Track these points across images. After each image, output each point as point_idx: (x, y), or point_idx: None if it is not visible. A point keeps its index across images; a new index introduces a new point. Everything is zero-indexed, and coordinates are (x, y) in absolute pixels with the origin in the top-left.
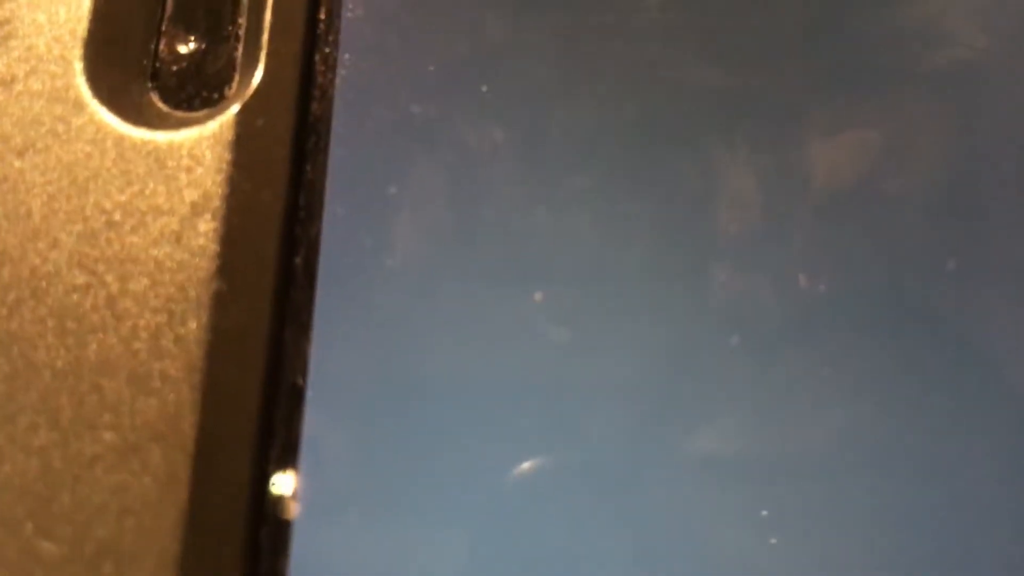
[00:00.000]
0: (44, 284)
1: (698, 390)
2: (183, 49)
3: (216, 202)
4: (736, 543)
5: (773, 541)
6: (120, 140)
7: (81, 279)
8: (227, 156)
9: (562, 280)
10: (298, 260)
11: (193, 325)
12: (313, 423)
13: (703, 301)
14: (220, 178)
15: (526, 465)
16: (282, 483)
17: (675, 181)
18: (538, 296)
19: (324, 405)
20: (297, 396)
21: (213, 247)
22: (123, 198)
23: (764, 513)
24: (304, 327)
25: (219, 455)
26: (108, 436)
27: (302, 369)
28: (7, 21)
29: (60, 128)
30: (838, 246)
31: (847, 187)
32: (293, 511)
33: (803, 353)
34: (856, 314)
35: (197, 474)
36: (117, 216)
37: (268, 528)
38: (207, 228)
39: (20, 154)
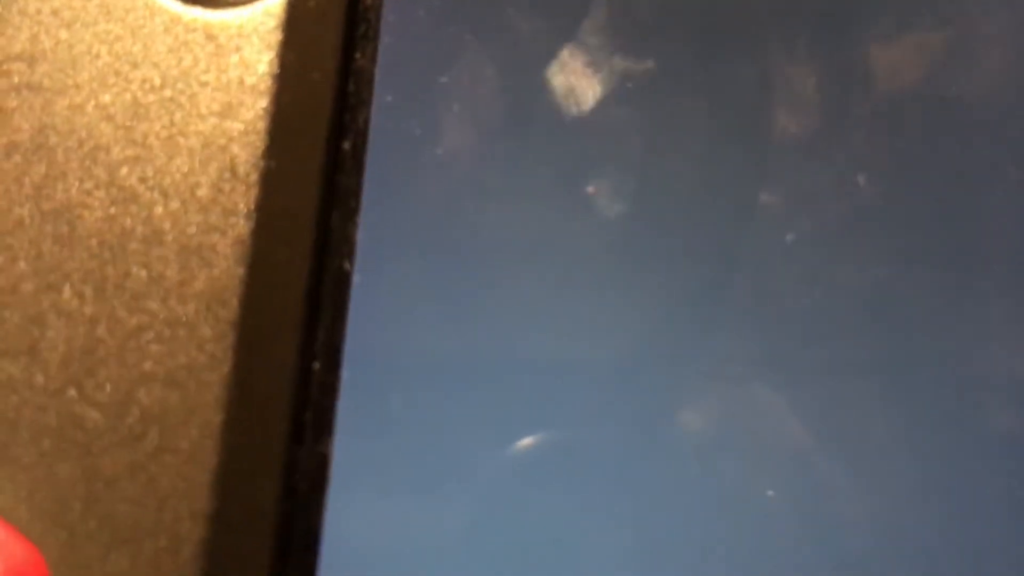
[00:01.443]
0: (92, 156)
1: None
2: None
3: (265, 82)
4: (742, 519)
5: (770, 493)
6: (169, 15)
7: (130, 152)
8: (278, 37)
9: (615, 174)
10: (346, 145)
11: (240, 202)
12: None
13: (758, 201)
14: (270, 58)
15: (527, 440)
16: (326, 365)
17: (732, 77)
18: (590, 189)
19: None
20: (343, 280)
21: (262, 126)
22: (173, 73)
23: (770, 493)
24: (352, 212)
25: (265, 332)
26: (154, 307)
27: (349, 254)
28: None
29: (109, 1)
30: (898, 148)
31: (907, 89)
32: (337, 395)
33: (859, 254)
34: (914, 218)
35: (242, 349)
36: (167, 91)
37: (312, 409)
38: (256, 107)
39: (68, 26)
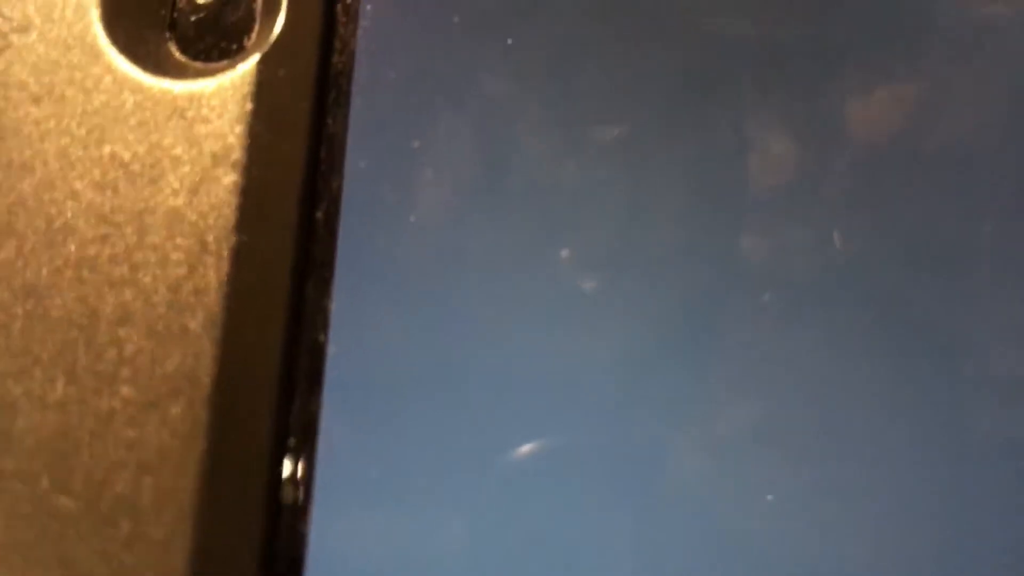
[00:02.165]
0: (61, 235)
1: (726, 351)
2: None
3: (236, 153)
4: (742, 524)
5: (777, 514)
6: (138, 89)
7: (99, 230)
8: (247, 107)
9: (590, 237)
10: (319, 214)
11: (212, 278)
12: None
13: (735, 260)
14: (240, 129)
15: (527, 447)
16: (303, 440)
17: (707, 134)
18: (565, 253)
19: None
20: (319, 353)
21: (233, 199)
22: (141, 148)
23: (769, 498)
24: (326, 282)
25: (239, 411)
26: (126, 390)
27: (323, 325)
28: None
29: (77, 76)
30: (873, 204)
31: (882, 143)
32: (314, 471)
33: (835, 312)
34: (890, 274)
35: (216, 430)
36: (135, 167)
37: (288, 485)
38: (227, 180)
39: (36, 102)
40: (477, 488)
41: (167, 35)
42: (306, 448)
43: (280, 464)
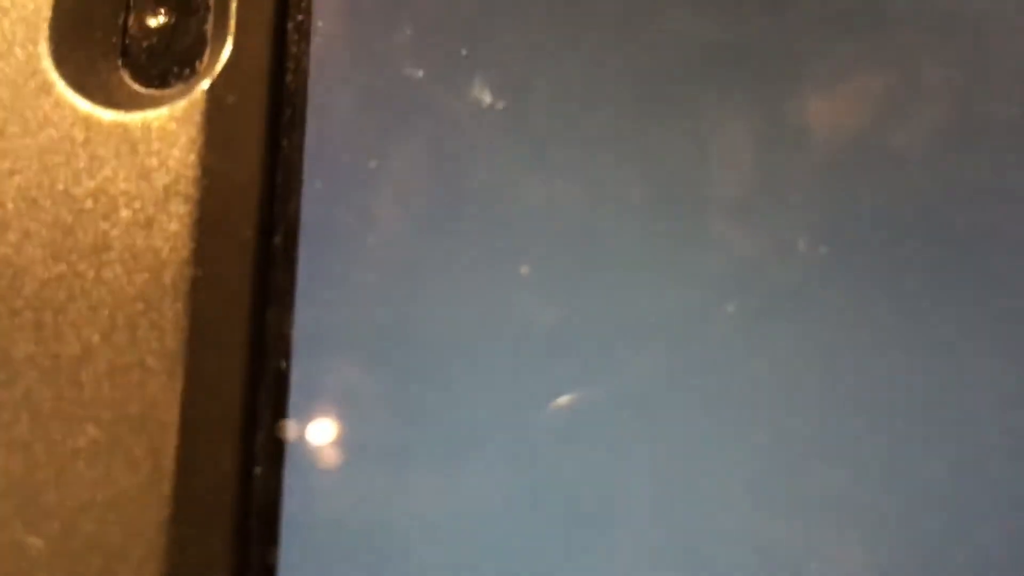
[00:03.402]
0: (19, 276)
1: (693, 366)
2: (153, 23)
3: (189, 185)
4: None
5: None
6: (89, 123)
7: (55, 270)
8: (198, 136)
9: (551, 252)
10: (277, 240)
11: (171, 313)
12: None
13: (699, 268)
14: (192, 159)
15: (563, 399)
16: (269, 469)
17: (669, 142)
18: (525, 270)
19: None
20: (281, 380)
21: (188, 231)
22: (94, 184)
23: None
24: (286, 309)
25: (203, 445)
26: (90, 429)
27: (285, 353)
28: None
29: (28, 113)
30: (839, 206)
31: (848, 142)
32: (280, 500)
33: (802, 320)
34: (858, 278)
35: (181, 465)
36: (89, 203)
37: (256, 517)
38: (181, 212)
39: None
40: (519, 442)
41: (119, 62)
42: (272, 476)
43: (247, 495)
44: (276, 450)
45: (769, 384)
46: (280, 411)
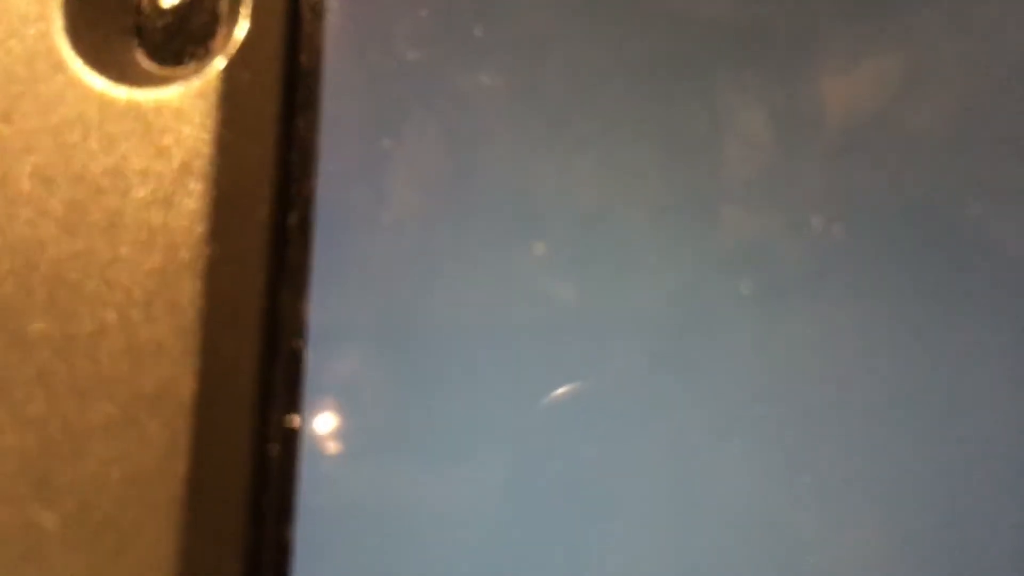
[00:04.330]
0: (34, 254)
1: (707, 345)
2: (167, 2)
3: (204, 163)
4: (764, 494)
5: (800, 486)
6: (104, 101)
7: (71, 247)
8: (214, 114)
9: (565, 231)
10: (292, 219)
11: (187, 291)
12: (320, 378)
13: (713, 248)
14: (207, 137)
15: (561, 391)
16: (284, 447)
17: (682, 122)
18: (539, 249)
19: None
20: (296, 360)
21: (203, 209)
22: (108, 162)
23: (789, 468)
24: (301, 289)
25: (219, 423)
26: (105, 407)
27: (300, 332)
28: None
29: (43, 91)
30: (854, 186)
31: (864, 122)
32: (295, 478)
33: (817, 300)
34: (873, 259)
35: (197, 443)
36: (103, 181)
37: (271, 495)
38: (197, 190)
39: (3, 119)
40: (517, 433)
41: (134, 41)
42: (288, 455)
43: (262, 473)
44: (291, 428)
45: (784, 365)
46: (295, 390)
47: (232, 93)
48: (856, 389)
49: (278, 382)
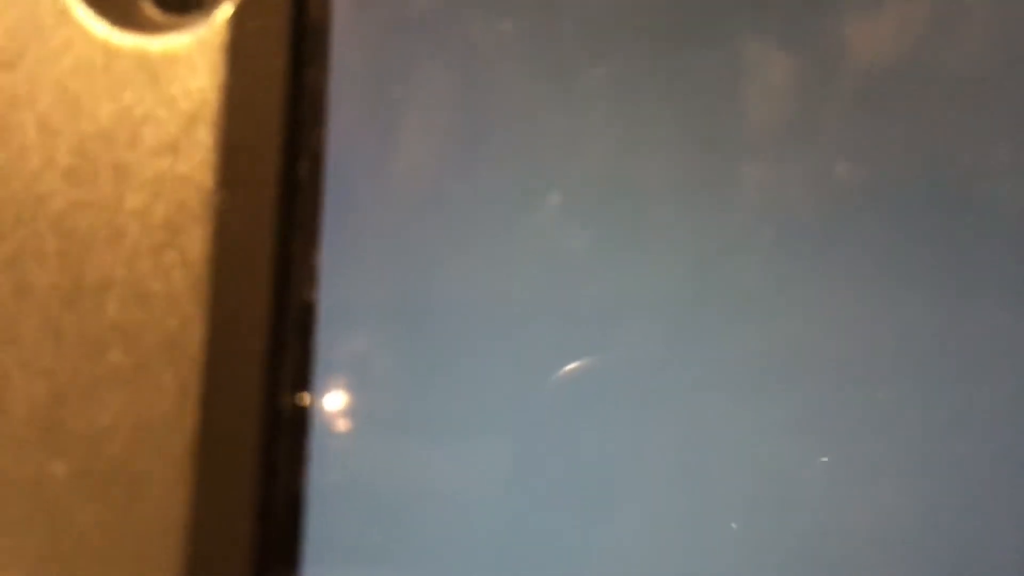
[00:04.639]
0: (41, 203)
1: (730, 292)
2: None
3: (211, 109)
4: (774, 447)
5: (807, 444)
6: (109, 48)
7: (77, 196)
8: (222, 62)
9: (580, 182)
10: (302, 169)
11: (195, 241)
12: (331, 341)
13: (734, 195)
14: (215, 86)
15: (570, 367)
16: (296, 398)
17: (699, 70)
18: (554, 199)
19: (340, 321)
20: (307, 310)
21: (211, 156)
22: (116, 109)
23: (797, 420)
24: (311, 239)
25: (229, 371)
26: (114, 357)
27: (311, 282)
28: None
29: (48, 39)
30: (878, 133)
31: (889, 65)
32: (308, 426)
33: (840, 250)
34: (898, 206)
35: (207, 391)
36: (111, 129)
37: (283, 443)
38: (204, 139)
39: (8, 68)
40: (526, 410)
41: None
42: (299, 406)
43: (274, 423)
44: (303, 377)
45: (804, 314)
46: (306, 339)
47: (240, 42)
48: (879, 342)
49: (289, 331)
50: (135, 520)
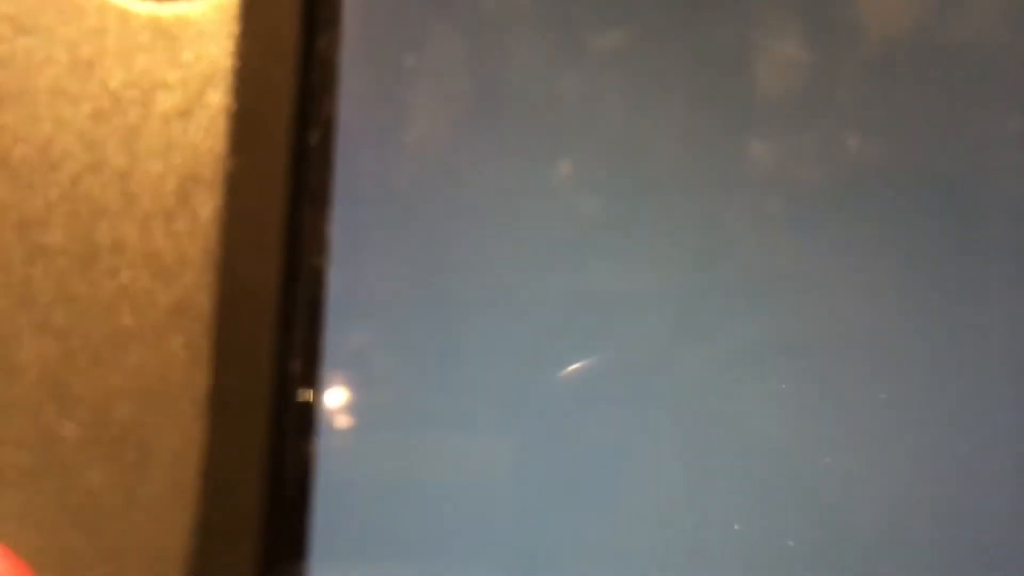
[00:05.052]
0: (53, 166)
1: (738, 282)
2: None
3: (224, 76)
4: (780, 432)
5: (804, 423)
6: (124, 14)
7: (90, 159)
8: (234, 28)
9: (591, 150)
10: (313, 136)
11: (207, 206)
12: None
13: (743, 167)
14: (228, 52)
15: (575, 366)
16: (305, 363)
17: (711, 37)
18: (566, 167)
19: (348, 298)
20: (317, 277)
21: (223, 123)
22: (129, 74)
23: (799, 396)
24: (322, 206)
25: (239, 336)
26: (126, 319)
27: (321, 250)
28: None
29: (62, 4)
30: (890, 104)
31: (900, 38)
32: (319, 393)
33: (848, 219)
34: (908, 177)
35: (217, 355)
36: (124, 93)
37: (292, 408)
38: (217, 104)
39: (23, 32)
40: (531, 406)
41: None
42: (310, 373)
43: (284, 388)
44: (313, 345)
45: (813, 283)
46: (316, 307)
47: (253, 8)
48: (889, 337)
49: (300, 299)
50: (144, 482)
